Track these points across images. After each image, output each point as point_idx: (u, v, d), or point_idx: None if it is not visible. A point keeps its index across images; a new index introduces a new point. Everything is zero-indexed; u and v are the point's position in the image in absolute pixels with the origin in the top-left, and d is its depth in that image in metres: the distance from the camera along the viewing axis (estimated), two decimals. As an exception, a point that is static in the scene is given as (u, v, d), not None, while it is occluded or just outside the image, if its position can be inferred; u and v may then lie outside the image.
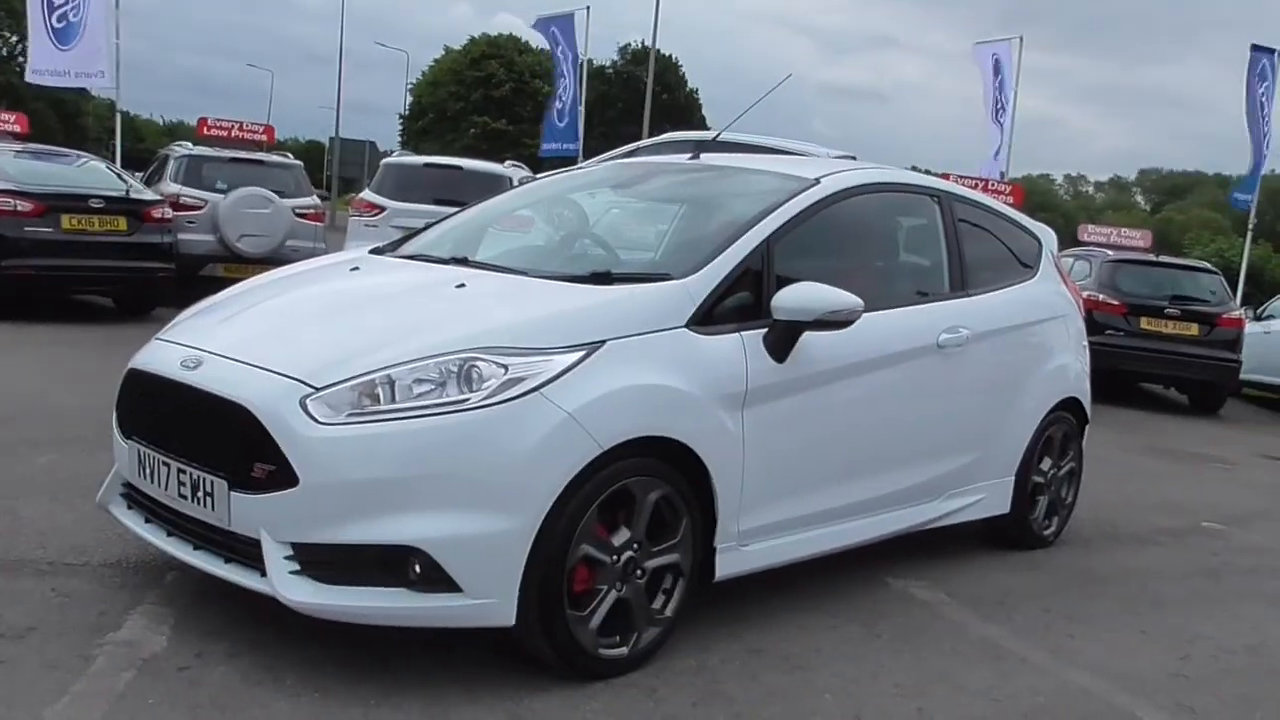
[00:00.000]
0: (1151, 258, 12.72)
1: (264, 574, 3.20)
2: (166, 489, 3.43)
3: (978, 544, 5.27)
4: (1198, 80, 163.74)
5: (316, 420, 3.13)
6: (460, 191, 11.47)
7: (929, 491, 4.67)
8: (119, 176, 11.17)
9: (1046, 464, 5.33)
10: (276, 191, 12.36)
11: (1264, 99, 17.06)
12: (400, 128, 57.98)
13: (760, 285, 3.85)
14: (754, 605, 4.11)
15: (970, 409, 4.82)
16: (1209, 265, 13.40)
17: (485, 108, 52.47)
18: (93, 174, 11.08)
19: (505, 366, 3.23)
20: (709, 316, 3.68)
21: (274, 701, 3.11)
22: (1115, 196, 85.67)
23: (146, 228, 10.63)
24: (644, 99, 28.50)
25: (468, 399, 3.17)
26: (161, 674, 3.21)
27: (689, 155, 4.84)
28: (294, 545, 3.15)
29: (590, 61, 19.31)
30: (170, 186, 12.05)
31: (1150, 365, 11.32)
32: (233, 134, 13.70)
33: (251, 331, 3.60)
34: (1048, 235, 5.67)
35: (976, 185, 15.38)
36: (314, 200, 13.07)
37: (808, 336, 3.83)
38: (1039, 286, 5.35)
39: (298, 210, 12.53)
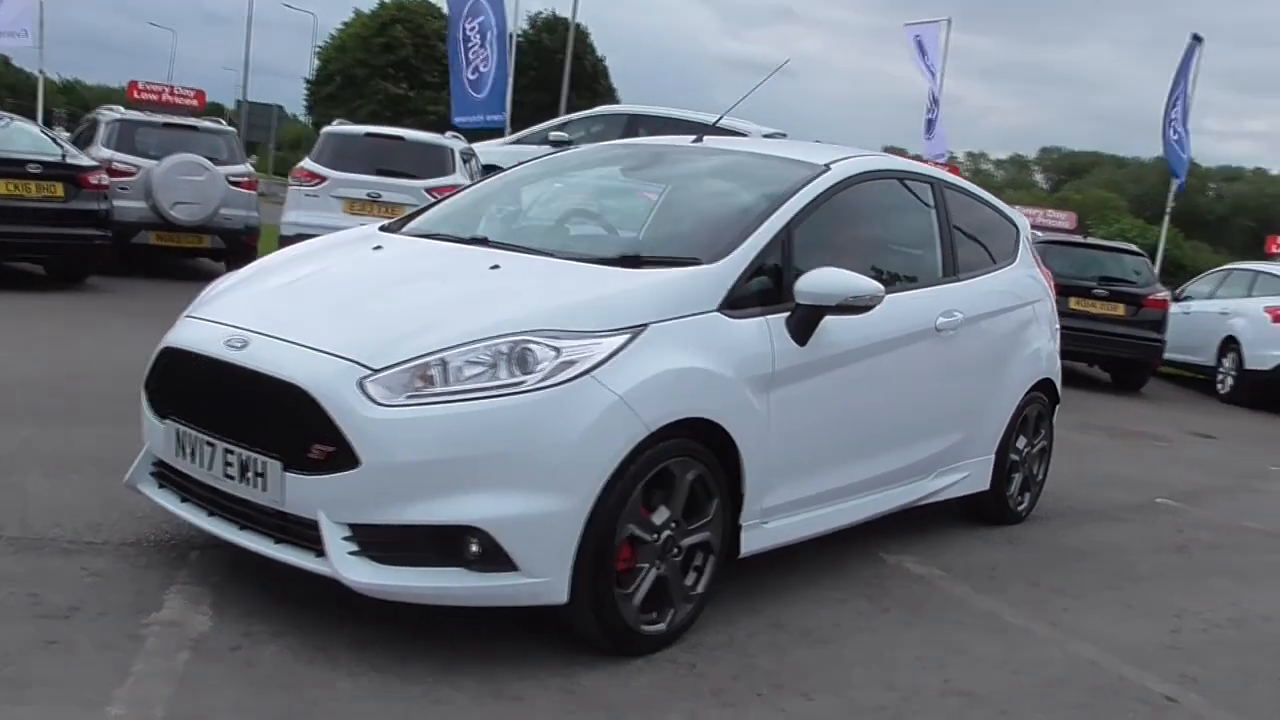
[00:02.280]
0: (1079, 239, 13.15)
1: (319, 555, 3.24)
2: (210, 469, 3.43)
3: (955, 519, 5.48)
4: (1097, 61, 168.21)
5: (376, 402, 3.16)
6: (402, 162, 11.40)
7: (923, 469, 4.86)
8: (53, 140, 10.83)
9: (1022, 442, 5.56)
10: (210, 158, 12.11)
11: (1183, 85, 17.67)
12: (306, 92, 56.79)
13: (780, 270, 3.96)
14: (763, 580, 4.23)
15: (960, 390, 5.01)
16: (1135, 248, 13.91)
17: (390, 72, 51.67)
18: (24, 137, 10.70)
19: (558, 349, 3.29)
20: (736, 301, 3.78)
21: (334, 680, 3.15)
22: (1015, 175, 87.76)
23: (84, 194, 10.35)
24: (554, 68, 28.38)
25: (523, 381, 3.23)
26: (215, 654, 3.23)
27: (693, 139, 4.91)
28: (352, 526, 3.18)
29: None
30: (102, 151, 11.71)
31: (1079, 344, 11.72)
32: (163, 98, 13.38)
33: (293, 311, 3.59)
34: (1023, 221, 5.89)
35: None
36: (248, 168, 12.83)
37: (826, 320, 3.95)
38: (1019, 271, 5.56)
39: (232, 178, 12.28)
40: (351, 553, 3.18)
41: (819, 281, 3.88)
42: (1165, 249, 18.26)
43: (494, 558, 3.18)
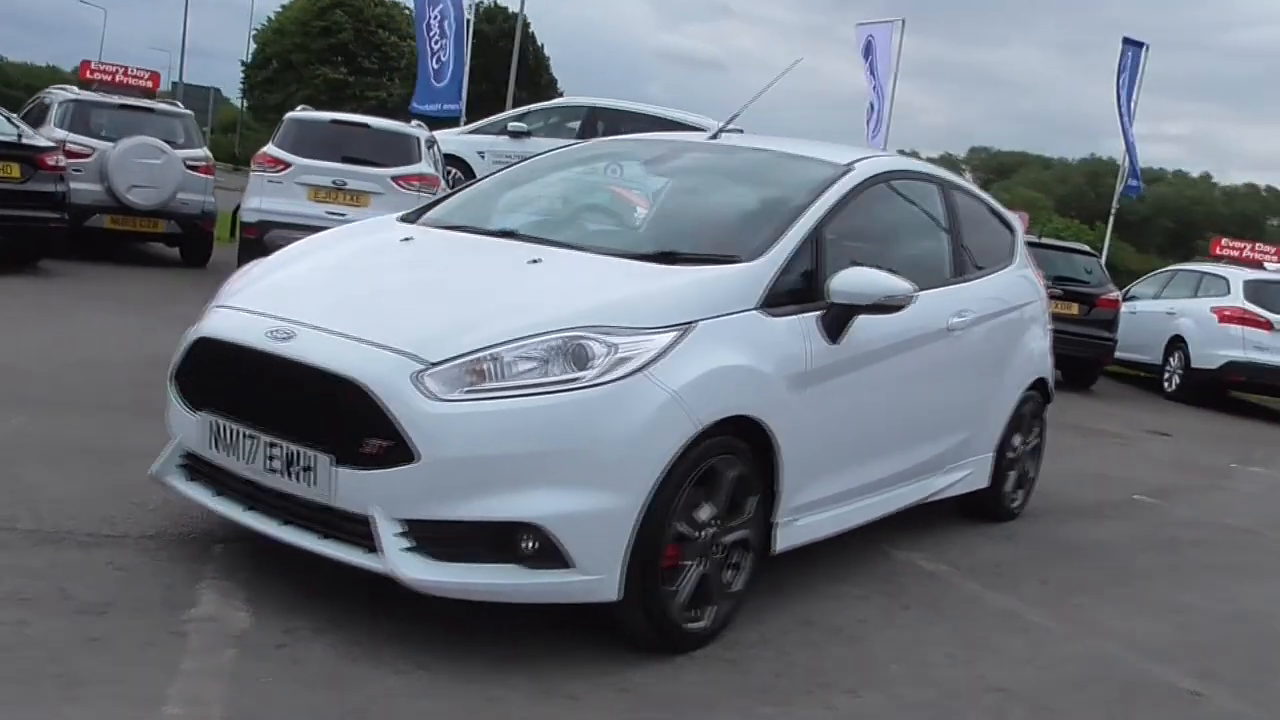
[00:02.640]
0: (1035, 239, 13.37)
1: (369, 550, 3.19)
2: (251, 463, 3.36)
3: (950, 515, 5.54)
4: (1023, 62, 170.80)
5: (433, 396, 3.12)
6: (367, 149, 11.25)
7: (933, 467, 4.91)
8: (7, 119, 10.51)
9: (1017, 440, 5.65)
10: (167, 141, 11.84)
11: (1123, 90, 18.03)
12: (242, 75, 55.72)
13: (812, 269, 3.97)
14: (785, 576, 4.24)
15: (968, 389, 5.08)
16: (1087, 248, 14.19)
17: (328, 57, 50.91)
18: (-24, 116, 10.39)
19: (613, 346, 3.27)
20: (772, 299, 3.79)
21: (384, 678, 3.11)
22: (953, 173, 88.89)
23: (41, 175, 10.06)
24: (495, 58, 28.12)
25: (580, 377, 3.20)
26: (261, 652, 3.16)
27: (710, 135, 4.89)
28: (406, 522, 3.13)
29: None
30: (55, 133, 11.38)
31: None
32: (116, 79, 13.04)
33: (335, 302, 3.52)
34: (1017, 223, 5.98)
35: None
36: (205, 152, 12.55)
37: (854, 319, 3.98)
38: (1017, 272, 5.64)
39: (189, 162, 12.01)
40: (406, 549, 3.13)
41: (853, 281, 3.90)
42: (1106, 249, 18.61)
43: (549, 555, 3.16)
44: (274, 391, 3.35)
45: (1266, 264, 14.28)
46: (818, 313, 3.91)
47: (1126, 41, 17.93)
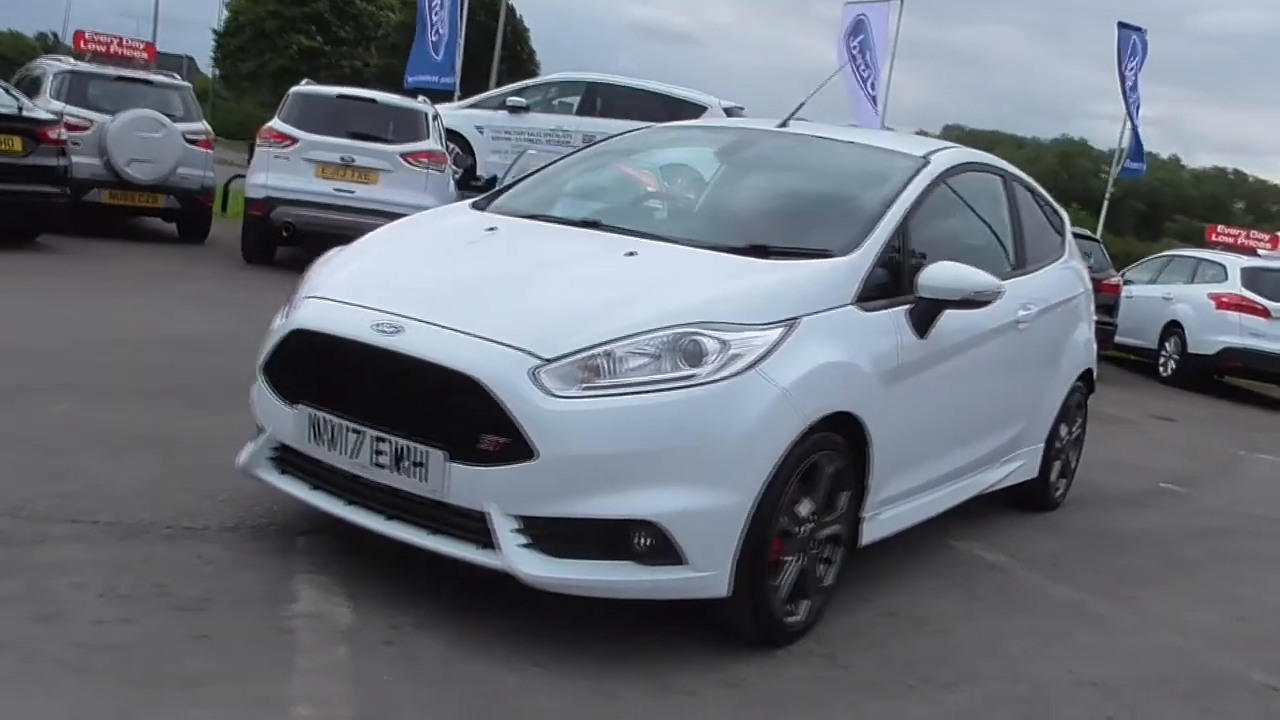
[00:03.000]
0: None
1: (482, 546, 3.17)
2: (355, 457, 3.32)
3: (997, 506, 5.57)
4: (997, 42, 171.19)
5: (551, 393, 3.10)
6: (375, 125, 11.14)
7: (994, 458, 4.94)
8: (7, 91, 10.30)
9: (1064, 430, 5.68)
10: (165, 114, 11.64)
11: (1131, 74, 18.10)
12: (214, 43, 54.88)
13: (900, 263, 3.97)
14: (861, 568, 4.23)
15: (1028, 381, 5.11)
16: (1089, 233, 14.28)
17: (303, 25, 50.21)
18: (-25, 88, 10.18)
19: (725, 342, 3.26)
20: (865, 294, 3.78)
21: (502, 675, 3.10)
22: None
23: (43, 149, 9.86)
24: (476, 30, 27.86)
25: (695, 374, 3.19)
26: (372, 648, 3.14)
27: (779, 123, 4.85)
28: (523, 519, 3.11)
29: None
30: (52, 105, 11.16)
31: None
32: (111, 50, 12.80)
33: (436, 294, 3.47)
34: (1065, 215, 5.99)
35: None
36: (204, 125, 12.36)
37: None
38: (1068, 263, 5.66)
39: (188, 136, 11.82)
40: (522, 545, 3.11)
41: (943, 276, 3.91)
42: (1100, 231, 18.69)
43: (663, 551, 3.15)
44: (381, 385, 3.31)
45: (1260, 251, 14.43)
46: (906, 307, 3.91)
47: (1122, 26, 17.98)
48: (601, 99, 14.99)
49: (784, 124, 4.83)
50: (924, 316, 3.93)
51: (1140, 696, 3.62)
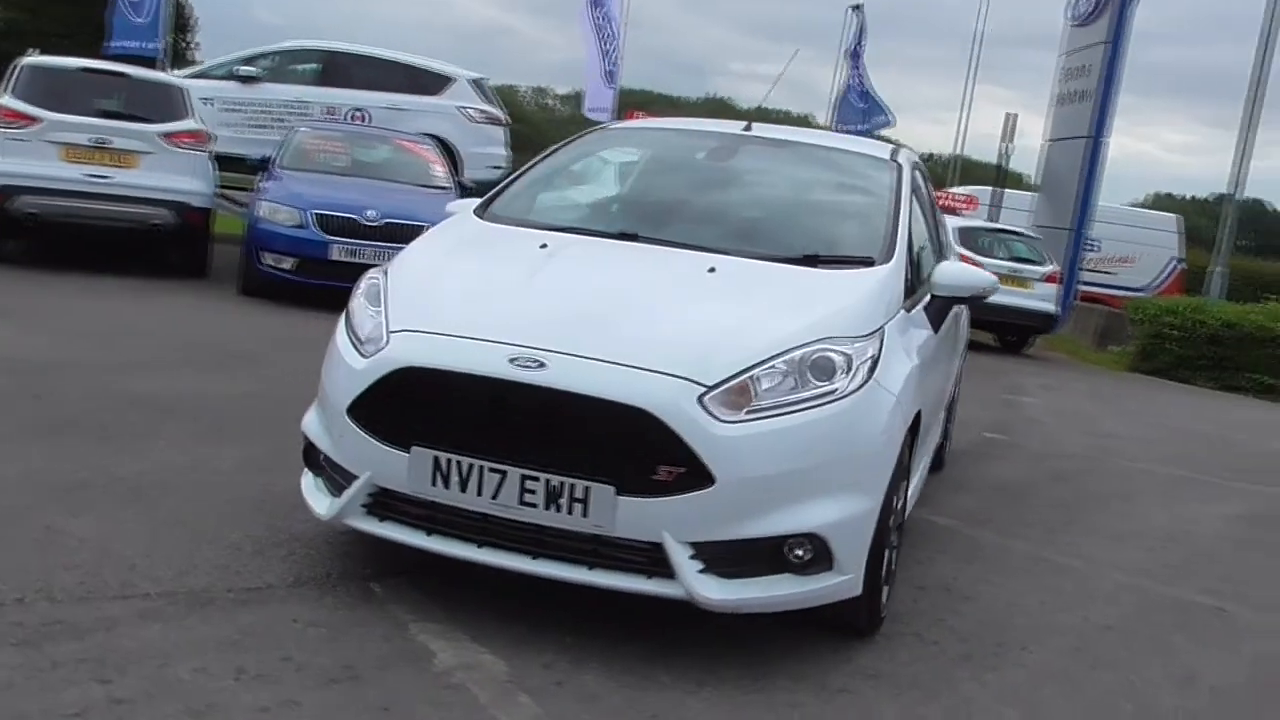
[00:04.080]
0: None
1: (651, 576, 3.18)
2: (495, 498, 3.20)
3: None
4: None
5: (720, 419, 3.14)
6: (128, 103, 10.20)
7: (934, 434, 5.36)
8: None
9: (953, 397, 6.22)
10: None
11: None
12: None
13: (915, 264, 4.27)
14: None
15: (953, 360, 5.56)
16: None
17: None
18: None
19: (848, 355, 3.40)
20: (904, 297, 4.03)
21: (682, 699, 3.11)
22: (576, 111, 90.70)
23: None
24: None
25: (835, 388, 3.32)
26: (550, 693, 3.06)
27: (743, 127, 4.96)
28: (695, 545, 3.14)
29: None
30: None
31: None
32: None
33: (552, 322, 3.36)
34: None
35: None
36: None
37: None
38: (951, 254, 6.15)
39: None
40: (700, 571, 3.14)
41: (955, 275, 4.24)
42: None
43: (818, 561, 3.28)
44: (523, 421, 3.20)
45: (961, 211, 15.96)
46: (923, 304, 4.19)
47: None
48: (339, 67, 14.40)
49: (748, 128, 4.94)
50: (940, 313, 4.24)
51: (1137, 633, 4.15)
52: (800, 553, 3.25)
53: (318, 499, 3.54)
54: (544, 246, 3.93)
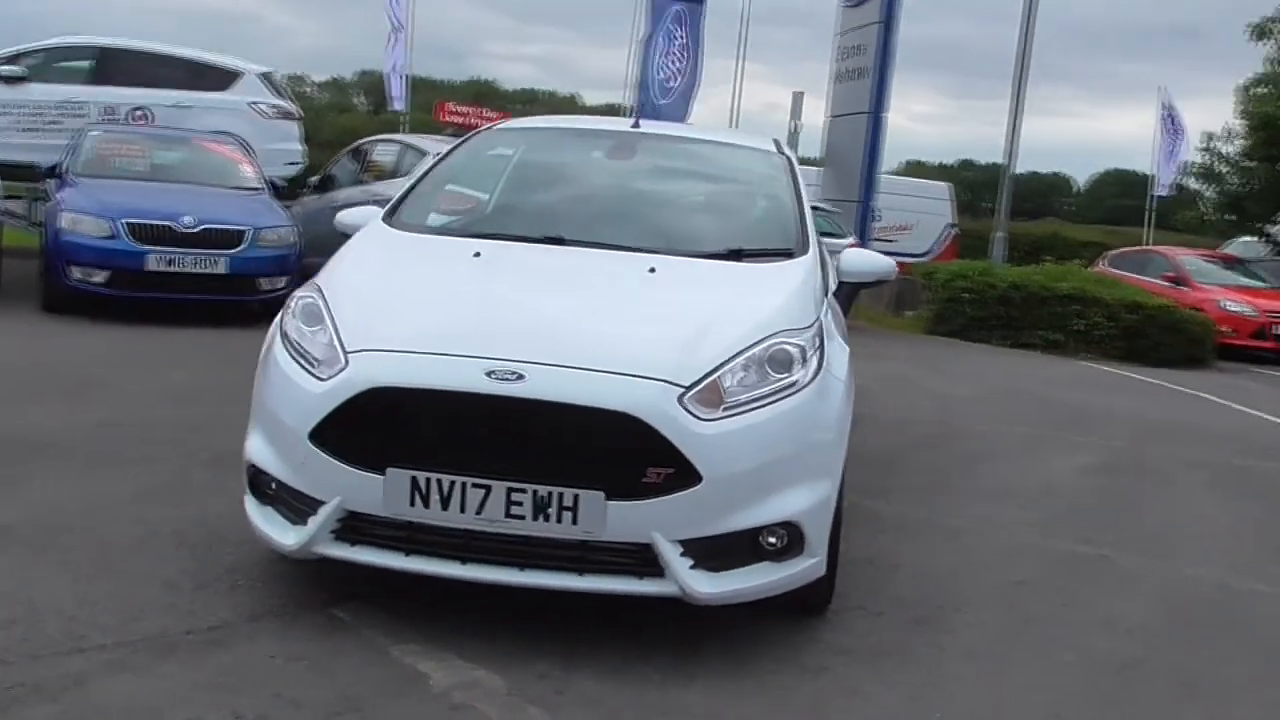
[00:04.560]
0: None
1: (641, 577, 3.23)
2: (480, 513, 3.16)
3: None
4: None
5: (700, 418, 3.20)
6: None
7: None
8: None
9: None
10: None
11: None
12: None
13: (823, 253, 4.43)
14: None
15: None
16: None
17: None
18: None
19: (800, 347, 3.53)
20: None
21: (684, 694, 3.18)
22: (337, 98, 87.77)
23: None
24: None
25: (796, 380, 3.43)
26: (555, 703, 3.05)
27: (631, 124, 5.00)
28: (683, 543, 3.20)
29: None
30: None
31: None
32: None
33: (514, 333, 3.34)
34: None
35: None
36: None
37: None
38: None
39: None
40: (691, 567, 3.21)
41: (861, 261, 4.44)
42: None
43: (793, 547, 3.38)
44: (503, 434, 3.18)
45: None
46: (832, 291, 4.37)
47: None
48: (118, 65, 13.56)
49: (635, 125, 5.00)
50: (849, 299, 4.42)
51: (1051, 584, 4.48)
52: (774, 540, 3.34)
53: (278, 530, 3.41)
54: (478, 255, 3.89)
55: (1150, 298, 14.70)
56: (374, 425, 3.24)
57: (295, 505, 3.37)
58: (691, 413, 3.20)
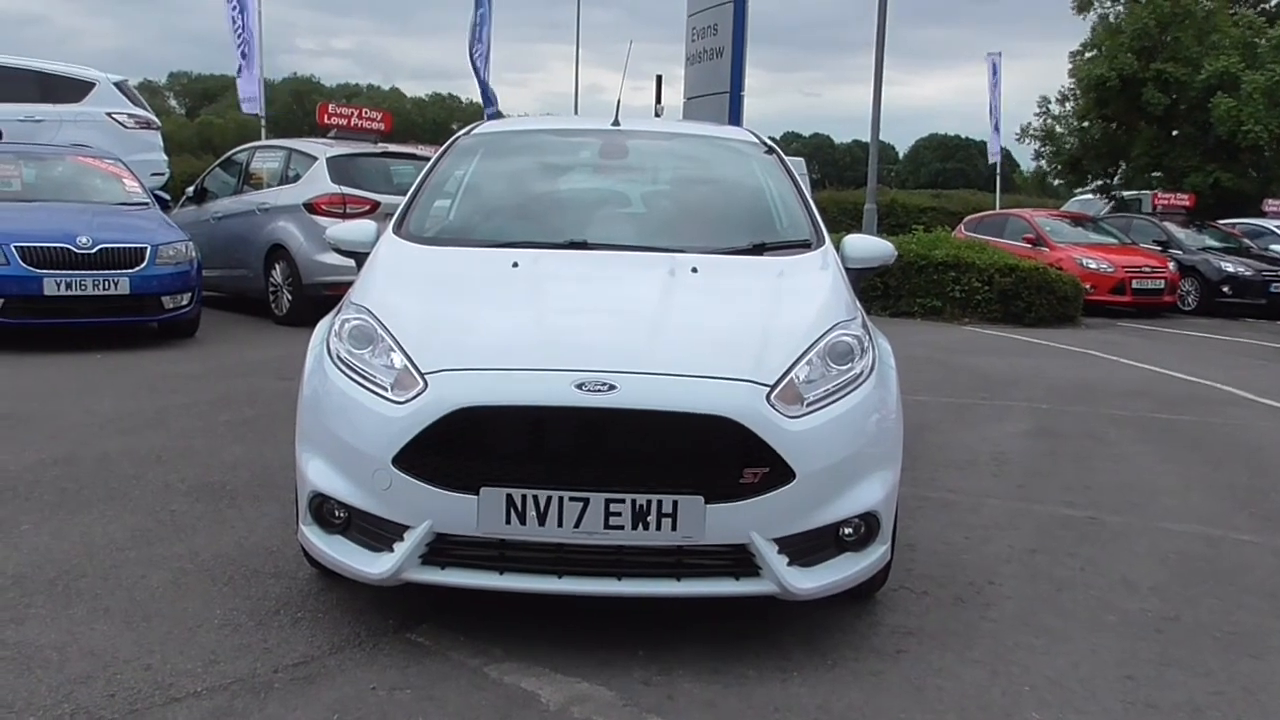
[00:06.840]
0: None
1: (738, 578, 3.26)
2: (578, 526, 3.14)
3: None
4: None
5: (788, 415, 3.25)
6: None
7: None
8: None
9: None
10: None
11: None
12: None
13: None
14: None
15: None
16: None
17: None
18: None
19: (858, 337, 3.62)
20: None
21: (783, 686, 3.23)
22: (149, 101, 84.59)
23: None
24: None
25: (859, 371, 3.51)
26: (667, 708, 3.08)
27: (612, 123, 4.98)
28: (778, 540, 3.25)
29: None
30: None
31: None
32: None
33: (594, 344, 3.35)
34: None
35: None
36: None
37: None
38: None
39: None
40: (788, 564, 3.25)
41: (866, 248, 4.53)
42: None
43: (869, 537, 3.46)
44: (596, 446, 3.16)
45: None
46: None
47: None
48: None
49: (616, 122, 4.99)
50: (855, 284, 4.52)
51: (1060, 550, 4.67)
52: (850, 530, 3.41)
53: (359, 559, 3.31)
54: (516, 265, 3.85)
55: (1022, 261, 15.33)
56: (461, 445, 3.18)
57: (375, 532, 3.29)
58: (780, 411, 3.24)
